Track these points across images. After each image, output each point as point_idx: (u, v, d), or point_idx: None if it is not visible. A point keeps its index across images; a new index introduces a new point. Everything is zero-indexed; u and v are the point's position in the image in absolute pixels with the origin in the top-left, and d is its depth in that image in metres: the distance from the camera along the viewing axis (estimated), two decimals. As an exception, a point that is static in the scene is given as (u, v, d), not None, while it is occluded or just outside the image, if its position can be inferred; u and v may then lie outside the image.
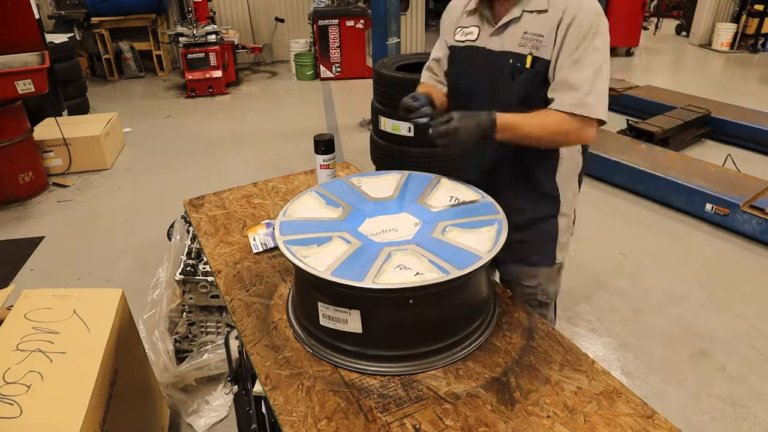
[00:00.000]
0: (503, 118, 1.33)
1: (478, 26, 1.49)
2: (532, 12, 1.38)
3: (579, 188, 1.59)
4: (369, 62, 6.80)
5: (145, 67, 7.50)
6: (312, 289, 1.18)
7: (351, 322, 1.13)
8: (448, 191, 1.42)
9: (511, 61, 1.41)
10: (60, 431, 1.30)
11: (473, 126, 1.31)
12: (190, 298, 2.30)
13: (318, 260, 1.15)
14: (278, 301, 1.38)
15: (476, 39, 1.49)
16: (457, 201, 1.38)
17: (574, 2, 1.33)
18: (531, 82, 1.39)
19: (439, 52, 1.65)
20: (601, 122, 1.36)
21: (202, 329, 2.37)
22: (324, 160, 1.71)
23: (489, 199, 1.36)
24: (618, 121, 5.18)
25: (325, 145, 1.70)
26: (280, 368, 1.17)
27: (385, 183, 1.49)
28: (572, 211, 1.60)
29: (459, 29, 1.54)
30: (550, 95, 1.37)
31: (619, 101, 5.71)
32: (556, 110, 1.34)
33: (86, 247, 3.52)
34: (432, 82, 1.69)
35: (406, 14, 7.66)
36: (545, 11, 1.35)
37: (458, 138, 1.30)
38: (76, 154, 4.48)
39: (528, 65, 1.38)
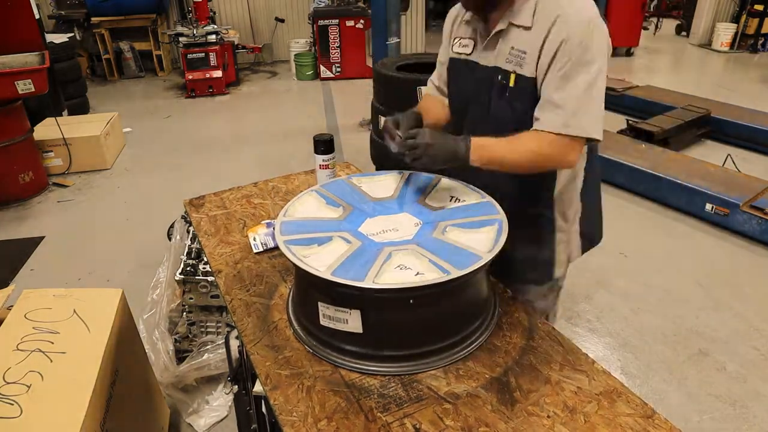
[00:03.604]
0: (478, 140, 1.25)
1: (473, 39, 1.43)
2: (519, 27, 1.30)
3: (586, 201, 1.50)
4: (369, 62, 6.80)
5: (145, 67, 7.50)
6: (312, 289, 1.18)
7: (351, 322, 1.13)
8: (448, 191, 1.42)
9: (500, 77, 1.34)
10: (60, 431, 1.30)
11: (445, 144, 1.25)
12: (190, 298, 2.30)
13: (318, 260, 1.15)
14: (278, 300, 1.38)
15: (471, 53, 1.43)
16: (457, 201, 1.38)
17: (562, 15, 1.22)
18: (519, 101, 1.32)
19: (443, 57, 1.59)
20: (593, 140, 1.26)
21: (202, 329, 2.37)
22: (324, 160, 1.71)
23: (489, 199, 1.36)
24: (618, 121, 5.19)
25: (324, 145, 1.70)
26: (280, 368, 1.17)
27: (386, 183, 1.49)
28: (574, 229, 1.51)
29: (457, 40, 1.48)
30: (535, 116, 1.28)
31: (619, 101, 5.72)
32: (540, 131, 1.25)
33: (86, 247, 3.52)
34: (435, 94, 1.64)
35: (406, 14, 7.66)
36: (529, 28, 1.27)
37: (430, 154, 1.24)
38: (76, 154, 4.48)
39: (512, 83, 1.32)
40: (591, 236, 1.60)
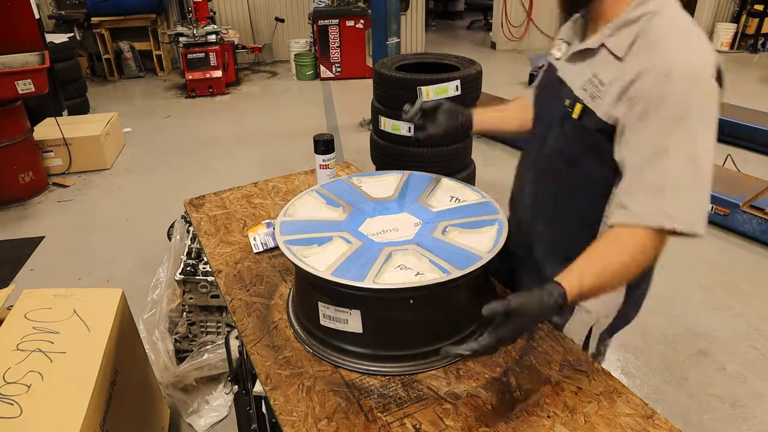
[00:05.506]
0: (571, 282, 0.96)
1: (568, 42, 1.22)
2: (609, 52, 1.07)
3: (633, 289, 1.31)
4: (369, 62, 6.80)
5: (145, 67, 7.50)
6: (312, 289, 1.18)
7: (351, 322, 1.13)
8: (448, 191, 1.42)
9: (567, 102, 1.14)
10: (60, 431, 1.30)
11: (533, 304, 0.94)
12: (190, 298, 2.30)
13: (318, 260, 1.15)
14: (279, 300, 1.38)
15: (559, 58, 1.23)
16: (457, 201, 1.38)
17: (662, 59, 0.97)
18: (577, 138, 1.12)
19: None
20: (693, 236, 0.99)
21: (202, 329, 2.37)
22: (324, 160, 1.71)
23: (489, 198, 1.36)
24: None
25: (324, 144, 1.70)
26: (280, 368, 1.17)
27: (386, 183, 1.49)
28: (610, 316, 1.33)
29: (557, 41, 1.27)
30: (623, 198, 1.03)
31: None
32: (632, 227, 1.00)
33: (86, 247, 3.52)
34: (528, 94, 1.45)
35: (406, 14, 7.66)
36: (620, 59, 1.05)
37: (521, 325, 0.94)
38: (76, 154, 4.48)
39: (575, 114, 1.11)
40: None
